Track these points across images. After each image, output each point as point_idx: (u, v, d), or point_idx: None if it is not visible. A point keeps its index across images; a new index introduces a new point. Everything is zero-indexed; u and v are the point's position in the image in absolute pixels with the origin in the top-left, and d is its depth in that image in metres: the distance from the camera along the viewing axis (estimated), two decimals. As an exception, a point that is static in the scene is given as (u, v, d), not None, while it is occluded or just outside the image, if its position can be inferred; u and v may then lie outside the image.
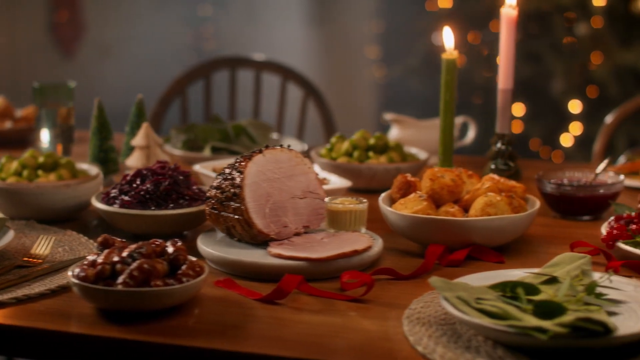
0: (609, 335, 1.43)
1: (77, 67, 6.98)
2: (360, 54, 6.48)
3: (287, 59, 6.74)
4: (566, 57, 5.01)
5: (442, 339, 1.53)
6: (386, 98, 6.25)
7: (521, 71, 5.13)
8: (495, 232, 1.90)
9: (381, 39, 6.27)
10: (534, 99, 5.11)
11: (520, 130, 5.13)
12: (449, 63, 2.13)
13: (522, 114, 5.11)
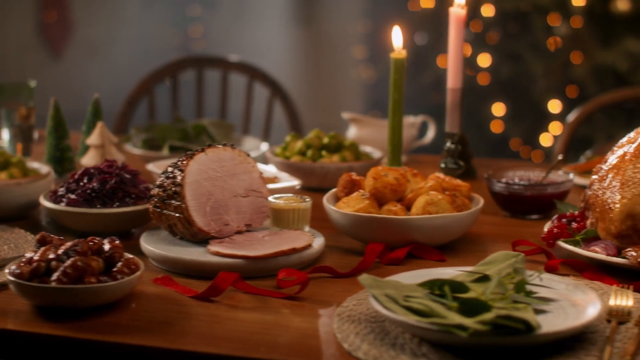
0: (531, 333, 1.44)
1: (65, 67, 7.00)
2: (346, 54, 6.49)
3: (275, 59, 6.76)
4: (546, 57, 5.02)
5: (369, 336, 1.54)
6: (373, 98, 6.26)
7: (501, 71, 5.14)
8: (437, 231, 1.90)
9: (368, 39, 6.28)
10: (514, 99, 5.11)
11: (500, 130, 5.14)
12: (397, 62, 2.14)
13: (503, 113, 5.12)
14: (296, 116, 3.51)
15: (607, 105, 3.23)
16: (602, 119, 4.75)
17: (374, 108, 6.06)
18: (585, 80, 4.86)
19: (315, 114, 6.25)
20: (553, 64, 4.99)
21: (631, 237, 1.81)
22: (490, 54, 5.12)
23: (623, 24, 4.87)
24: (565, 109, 4.88)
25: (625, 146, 1.89)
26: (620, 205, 1.80)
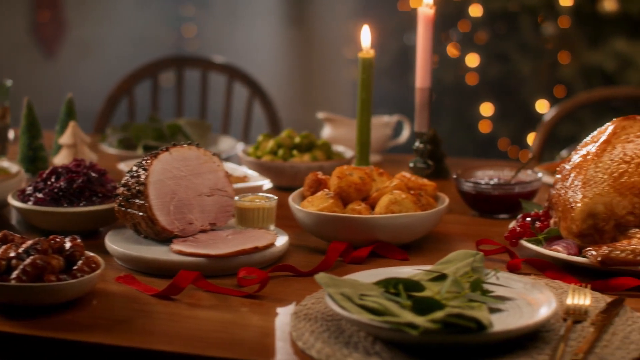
0: (482, 331, 1.44)
1: (59, 67, 7.00)
2: (338, 54, 6.50)
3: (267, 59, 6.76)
4: (534, 57, 5.02)
5: (324, 334, 1.54)
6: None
7: (489, 71, 5.14)
8: (400, 230, 1.91)
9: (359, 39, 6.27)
10: (502, 99, 5.12)
11: (488, 130, 5.14)
12: (365, 62, 2.14)
13: (491, 113, 5.12)
14: (275, 116, 3.52)
15: (584, 105, 3.24)
16: (590, 117, 4.76)
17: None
18: (573, 80, 4.86)
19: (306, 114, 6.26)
20: (541, 64, 4.99)
21: (592, 236, 1.81)
22: (479, 54, 5.12)
23: (610, 24, 4.87)
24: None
25: (588, 145, 1.89)
26: (582, 205, 1.81)
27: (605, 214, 1.80)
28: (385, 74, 5.52)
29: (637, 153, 1.82)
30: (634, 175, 1.81)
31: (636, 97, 3.36)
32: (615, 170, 1.81)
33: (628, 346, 1.50)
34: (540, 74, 4.97)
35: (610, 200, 1.80)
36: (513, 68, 5.04)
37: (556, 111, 3.18)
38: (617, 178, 1.81)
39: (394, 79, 5.51)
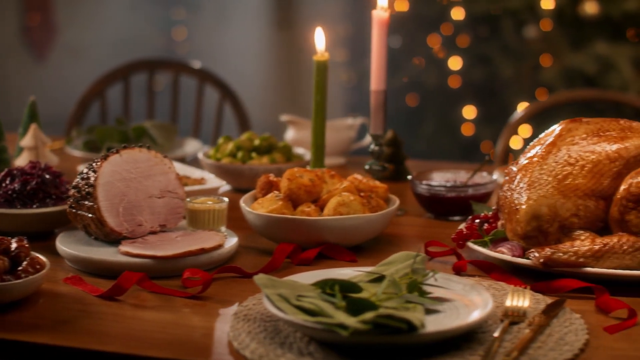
0: (413, 332, 1.45)
1: (49, 70, 7.01)
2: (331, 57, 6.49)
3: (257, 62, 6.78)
4: (516, 59, 5.03)
5: (260, 335, 1.55)
6: (352, 100, 6.28)
7: (472, 74, 5.15)
8: (348, 231, 1.92)
9: (347, 42, 6.29)
10: (484, 101, 5.13)
11: (471, 133, 5.15)
12: (319, 64, 2.16)
13: (474, 116, 5.13)
14: (246, 118, 3.53)
15: (549, 107, 3.25)
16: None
17: (354, 110, 6.07)
18: (555, 83, 4.87)
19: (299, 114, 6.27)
20: (523, 67, 5.00)
21: (537, 238, 1.82)
22: (461, 57, 5.14)
23: (592, 27, 4.88)
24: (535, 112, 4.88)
25: (536, 147, 1.90)
26: (526, 207, 1.82)
27: (549, 216, 1.81)
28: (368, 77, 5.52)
29: (581, 155, 1.83)
30: (578, 178, 1.82)
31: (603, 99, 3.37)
32: (560, 173, 1.82)
33: (562, 347, 1.51)
34: (522, 76, 4.99)
35: (554, 202, 1.81)
36: (495, 71, 5.05)
37: (523, 113, 3.19)
38: (561, 180, 1.82)
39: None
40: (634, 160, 1.84)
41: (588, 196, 1.81)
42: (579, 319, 1.62)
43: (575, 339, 1.54)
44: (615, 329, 1.58)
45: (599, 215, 1.83)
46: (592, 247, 1.77)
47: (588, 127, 1.88)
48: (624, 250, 1.77)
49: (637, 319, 1.61)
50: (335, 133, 2.72)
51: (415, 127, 5.35)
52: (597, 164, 1.82)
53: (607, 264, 1.77)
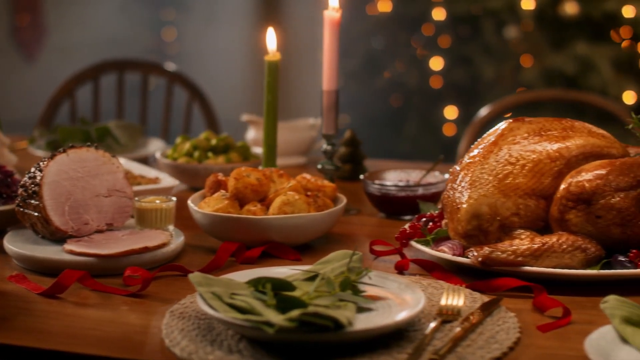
0: (340, 330, 1.46)
1: (38, 70, 7.02)
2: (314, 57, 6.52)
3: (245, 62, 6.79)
4: (497, 60, 5.04)
5: (193, 332, 1.56)
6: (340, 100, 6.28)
7: (453, 74, 5.17)
8: (292, 230, 1.93)
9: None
10: (465, 102, 5.14)
11: (453, 133, 5.16)
12: (271, 65, 2.17)
13: (455, 117, 5.14)
14: (214, 118, 3.55)
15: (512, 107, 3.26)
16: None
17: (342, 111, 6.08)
18: (536, 83, 4.88)
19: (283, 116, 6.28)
20: (504, 67, 5.01)
21: (478, 237, 1.82)
22: (443, 58, 5.15)
23: (572, 28, 4.89)
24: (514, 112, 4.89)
25: (479, 146, 1.91)
26: (467, 206, 1.82)
27: (490, 215, 1.82)
28: (352, 78, 5.55)
29: (522, 155, 1.84)
30: (518, 177, 1.82)
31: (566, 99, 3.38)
32: (501, 172, 1.83)
33: (491, 346, 1.51)
34: (503, 77, 4.99)
35: (494, 202, 1.82)
36: (476, 71, 5.06)
37: (487, 112, 3.20)
38: (501, 179, 1.83)
39: (361, 83, 5.54)
40: (575, 159, 1.85)
41: (529, 195, 1.82)
42: (512, 317, 1.63)
43: (506, 337, 1.55)
44: (547, 327, 1.59)
45: (539, 215, 1.84)
46: (531, 246, 1.78)
47: (530, 126, 1.89)
48: (563, 249, 1.78)
49: (570, 318, 1.62)
50: (296, 133, 2.73)
51: (399, 128, 5.36)
52: (538, 163, 1.83)
53: (547, 263, 1.78)
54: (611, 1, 4.81)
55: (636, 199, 1.81)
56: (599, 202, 1.79)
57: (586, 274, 1.75)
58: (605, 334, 1.51)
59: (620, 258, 1.79)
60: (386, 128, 5.43)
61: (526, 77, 4.91)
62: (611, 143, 1.89)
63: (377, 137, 5.48)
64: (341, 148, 2.55)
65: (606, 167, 1.81)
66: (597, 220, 1.80)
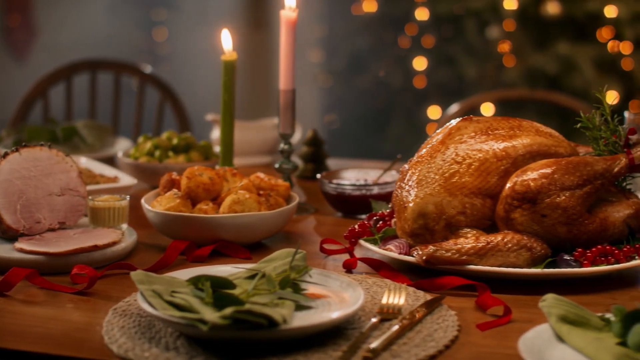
0: (274, 328, 1.47)
1: (29, 71, 7.03)
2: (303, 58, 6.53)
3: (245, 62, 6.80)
4: (480, 60, 5.05)
5: (132, 330, 1.57)
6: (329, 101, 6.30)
7: (436, 74, 5.17)
8: (242, 229, 1.94)
9: (324, 43, 6.32)
10: (449, 101, 5.14)
11: (437, 133, 5.15)
12: (227, 64, 2.18)
13: (439, 116, 5.15)
14: (186, 119, 3.56)
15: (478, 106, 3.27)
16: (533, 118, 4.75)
17: (330, 110, 6.10)
18: (518, 83, 4.89)
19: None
20: (486, 67, 5.02)
21: (424, 236, 1.83)
22: (426, 58, 5.16)
23: (555, 28, 4.89)
24: (497, 112, 4.91)
25: (428, 145, 1.92)
26: (413, 204, 1.83)
27: (436, 214, 1.82)
28: (337, 77, 5.56)
29: (468, 154, 1.85)
30: (464, 176, 1.83)
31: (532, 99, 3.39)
32: (447, 171, 1.84)
33: (427, 344, 1.52)
34: (486, 77, 5.00)
35: (440, 200, 1.82)
36: (459, 71, 5.06)
37: (455, 111, 3.21)
38: (448, 178, 1.83)
39: (346, 82, 5.55)
40: (521, 158, 1.85)
41: (475, 194, 1.83)
42: (453, 315, 1.64)
43: (444, 335, 1.56)
44: (486, 326, 1.60)
45: (485, 214, 1.84)
46: (475, 245, 1.79)
47: (478, 125, 1.90)
48: (508, 248, 1.79)
49: (511, 316, 1.63)
50: (261, 133, 2.75)
51: (384, 128, 5.37)
52: (484, 162, 1.84)
53: (492, 261, 1.79)
54: (593, 1, 4.81)
55: (582, 198, 1.82)
56: (544, 201, 1.80)
57: (529, 272, 1.76)
58: (541, 332, 1.52)
59: (566, 257, 1.80)
60: (371, 128, 5.45)
61: (509, 76, 4.92)
62: (559, 142, 1.90)
63: (362, 137, 5.50)
64: (303, 147, 2.57)
65: (552, 166, 1.82)
66: (543, 219, 1.81)
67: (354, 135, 5.63)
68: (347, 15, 5.53)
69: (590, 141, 1.95)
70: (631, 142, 1.91)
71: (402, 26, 5.21)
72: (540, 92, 3.60)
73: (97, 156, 2.64)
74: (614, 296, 1.76)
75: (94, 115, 3.63)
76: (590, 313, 1.55)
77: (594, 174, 1.84)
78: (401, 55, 5.22)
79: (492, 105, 4.93)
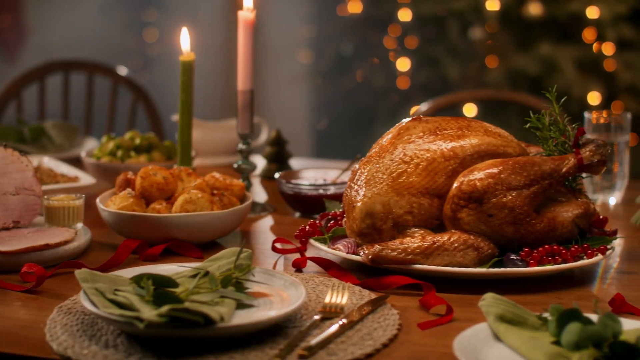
0: (211, 326, 1.49)
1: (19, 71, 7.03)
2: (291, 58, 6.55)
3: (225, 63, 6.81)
4: (462, 61, 5.06)
5: (74, 327, 1.58)
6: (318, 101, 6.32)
7: (419, 75, 5.18)
8: (194, 228, 1.95)
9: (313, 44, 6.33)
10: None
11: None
12: (185, 65, 2.19)
13: (422, 117, 5.14)
14: (158, 119, 3.58)
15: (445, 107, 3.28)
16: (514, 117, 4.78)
17: (317, 111, 6.12)
18: (500, 84, 4.90)
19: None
20: (469, 68, 5.03)
21: (372, 235, 1.84)
22: (409, 58, 5.17)
23: (537, 29, 4.90)
24: (480, 113, 4.92)
25: (379, 144, 1.93)
26: (361, 204, 1.84)
27: (383, 214, 1.84)
28: (322, 78, 5.58)
29: (416, 154, 1.86)
30: (412, 176, 1.84)
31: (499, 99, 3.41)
32: (395, 170, 1.85)
33: (365, 342, 1.53)
34: (468, 78, 5.01)
35: (388, 200, 1.84)
36: (442, 72, 5.07)
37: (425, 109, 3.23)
38: (395, 178, 1.84)
39: (331, 83, 5.57)
40: (469, 158, 1.86)
41: (422, 194, 1.84)
42: (395, 314, 1.65)
43: (383, 334, 1.57)
44: (427, 325, 1.61)
45: (433, 213, 1.86)
46: (421, 244, 1.80)
47: (426, 125, 1.91)
48: (455, 247, 1.80)
49: (452, 315, 1.64)
50: (227, 133, 2.76)
51: (368, 128, 5.39)
52: (432, 162, 1.85)
53: (438, 261, 1.80)
54: (575, 2, 4.82)
55: (529, 198, 1.83)
56: (491, 201, 1.81)
57: (473, 272, 1.78)
58: (479, 331, 1.53)
59: (512, 257, 1.81)
60: (356, 128, 5.46)
61: (491, 77, 4.93)
62: (507, 142, 1.91)
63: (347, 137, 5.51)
64: (267, 147, 2.58)
65: (499, 166, 1.83)
66: (489, 219, 1.82)
67: (339, 135, 5.65)
68: (333, 16, 5.55)
69: (540, 141, 1.96)
70: (580, 142, 1.93)
71: (386, 27, 5.22)
72: (506, 92, 3.61)
73: (64, 156, 2.66)
74: (560, 296, 1.77)
75: (67, 116, 3.65)
76: (528, 312, 1.56)
77: (542, 173, 1.85)
78: (385, 56, 5.23)
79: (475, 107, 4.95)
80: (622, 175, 2.44)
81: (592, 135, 2.42)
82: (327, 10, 5.66)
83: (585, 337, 1.42)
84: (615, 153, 2.42)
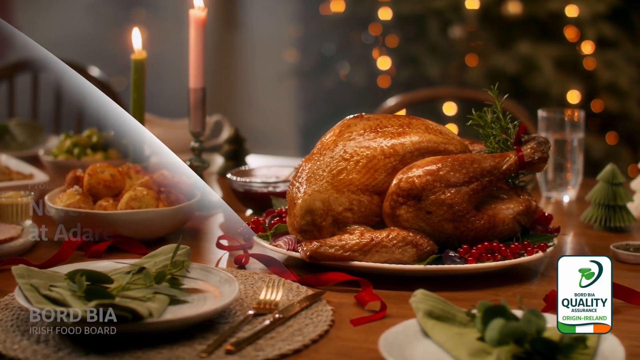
0: (139, 321, 1.50)
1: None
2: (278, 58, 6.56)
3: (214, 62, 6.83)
4: (442, 60, 5.07)
5: (9, 323, 1.59)
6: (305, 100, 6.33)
7: (400, 74, 5.19)
8: (139, 225, 1.97)
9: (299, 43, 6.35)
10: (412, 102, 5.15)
11: (400, 132, 5.17)
12: (137, 63, 2.21)
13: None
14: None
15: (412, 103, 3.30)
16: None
17: (307, 109, 6.13)
18: (480, 83, 4.90)
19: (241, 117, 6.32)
20: (449, 67, 5.04)
21: (312, 232, 1.86)
22: (390, 57, 5.18)
23: (517, 27, 4.91)
24: (460, 112, 4.93)
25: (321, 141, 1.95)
26: (301, 201, 1.86)
27: (323, 210, 1.85)
28: (305, 77, 5.59)
29: (356, 151, 1.87)
30: (352, 173, 1.86)
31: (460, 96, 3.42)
32: (335, 168, 1.86)
33: (294, 338, 1.55)
34: (448, 76, 5.02)
35: (327, 197, 1.85)
36: (423, 71, 5.08)
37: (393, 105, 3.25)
38: (335, 175, 1.86)
39: (313, 81, 5.58)
40: (410, 155, 1.87)
41: (362, 191, 1.86)
42: (328, 311, 1.66)
43: (313, 330, 1.58)
44: (359, 321, 1.62)
45: (373, 210, 1.87)
46: (359, 241, 1.81)
47: (367, 122, 1.92)
48: (394, 244, 1.81)
49: (385, 312, 1.65)
50: (184, 131, 2.77)
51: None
52: (372, 159, 1.86)
53: (376, 257, 1.81)
54: (555, 1, 4.83)
55: (468, 195, 1.84)
56: (429, 198, 1.82)
57: (410, 269, 1.79)
58: (408, 327, 1.55)
59: (451, 254, 1.83)
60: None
61: (471, 76, 4.94)
62: (449, 139, 1.93)
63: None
64: (225, 145, 2.60)
65: (437, 163, 1.84)
66: (428, 215, 1.83)
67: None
68: (317, 15, 5.56)
69: (483, 138, 1.97)
70: (522, 140, 1.94)
71: (367, 26, 5.23)
72: (469, 90, 3.62)
73: (24, 154, 2.67)
74: (499, 293, 1.79)
75: (36, 115, 3.66)
76: (457, 309, 1.58)
77: (481, 171, 1.86)
78: (366, 54, 5.25)
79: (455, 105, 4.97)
80: (576, 173, 2.45)
81: (544, 134, 2.43)
82: (312, 10, 5.67)
83: (507, 333, 1.44)
84: (569, 151, 2.43)
